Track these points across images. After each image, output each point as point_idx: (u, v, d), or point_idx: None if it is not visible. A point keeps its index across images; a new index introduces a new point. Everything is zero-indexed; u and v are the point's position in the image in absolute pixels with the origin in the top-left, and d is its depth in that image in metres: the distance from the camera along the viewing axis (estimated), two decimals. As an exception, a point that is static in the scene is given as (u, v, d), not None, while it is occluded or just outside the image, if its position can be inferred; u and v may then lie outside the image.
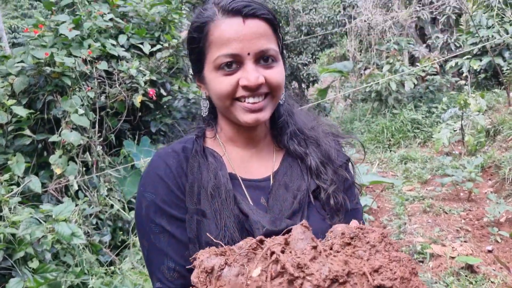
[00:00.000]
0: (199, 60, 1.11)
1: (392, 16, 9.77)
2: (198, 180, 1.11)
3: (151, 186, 1.11)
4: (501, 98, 8.51)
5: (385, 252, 0.77)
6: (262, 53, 1.05)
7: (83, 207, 3.53)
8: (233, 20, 1.03)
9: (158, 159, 1.15)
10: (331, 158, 1.21)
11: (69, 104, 3.91)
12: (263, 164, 1.22)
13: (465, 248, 4.24)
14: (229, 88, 1.06)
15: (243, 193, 1.14)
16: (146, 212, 1.10)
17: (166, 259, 1.08)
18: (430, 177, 6.62)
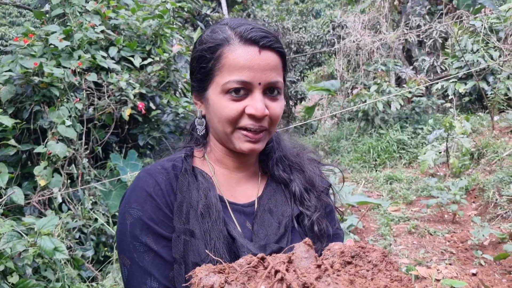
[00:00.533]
0: (205, 79, 1.11)
1: (380, 38, 9.92)
2: (187, 199, 1.09)
3: (137, 203, 1.09)
4: (485, 121, 8.65)
5: (386, 271, 0.76)
6: (271, 85, 1.07)
7: (66, 220, 3.46)
8: (250, 49, 1.05)
9: (147, 175, 1.13)
10: (315, 185, 1.24)
11: (56, 115, 3.85)
12: (248, 189, 1.22)
13: (450, 270, 4.24)
14: (234, 114, 1.07)
15: (230, 216, 1.14)
16: (130, 229, 1.07)
17: (150, 279, 1.04)
18: (415, 198, 6.66)
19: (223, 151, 1.19)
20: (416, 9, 10.96)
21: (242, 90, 1.06)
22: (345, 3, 16.51)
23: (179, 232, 1.06)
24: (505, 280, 4.20)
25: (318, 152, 1.43)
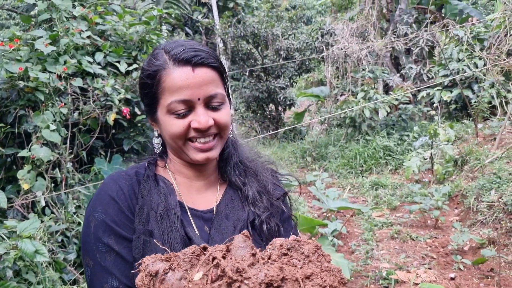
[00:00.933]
0: (152, 104, 1.20)
1: (368, 46, 10.04)
2: (148, 203, 1.18)
3: (101, 206, 1.16)
4: (469, 129, 8.78)
5: (317, 262, 0.82)
6: (210, 98, 1.15)
7: (49, 223, 3.49)
8: (184, 69, 1.13)
9: (111, 181, 1.21)
10: (267, 189, 1.33)
11: (41, 119, 3.89)
12: (208, 196, 1.30)
13: (429, 275, 4.32)
14: (181, 130, 1.15)
15: (189, 220, 1.22)
16: (94, 230, 1.14)
17: (111, 278, 1.11)
18: (399, 203, 6.75)
19: (181, 163, 1.27)
20: (404, 18, 11.12)
21: (184, 108, 1.14)
22: (336, 10, 16.69)
23: (139, 232, 1.14)
24: (482, 284, 4.28)
25: (275, 162, 1.50)
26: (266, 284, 0.76)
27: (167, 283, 0.80)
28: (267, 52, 12.42)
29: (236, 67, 13.10)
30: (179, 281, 0.81)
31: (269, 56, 12.24)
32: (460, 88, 8.38)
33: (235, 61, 12.77)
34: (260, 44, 12.28)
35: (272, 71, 12.33)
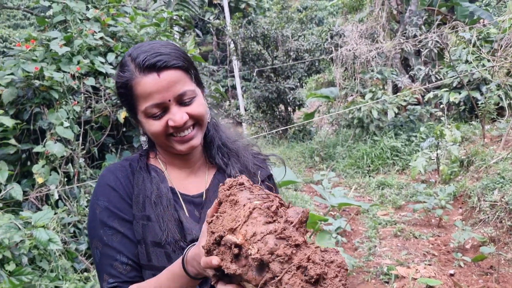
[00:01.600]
0: (131, 109, 1.30)
1: (377, 47, 10.12)
2: (143, 191, 1.30)
3: (103, 195, 1.29)
4: (477, 130, 8.82)
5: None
6: (180, 96, 1.23)
7: (62, 215, 3.67)
8: (150, 77, 1.20)
9: (109, 172, 1.33)
10: (248, 168, 1.44)
11: (55, 117, 4.08)
12: (197, 181, 1.41)
13: (428, 270, 4.42)
14: (160, 129, 1.25)
15: (181, 205, 1.34)
16: (100, 217, 1.26)
17: (119, 255, 1.24)
18: (404, 203, 6.84)
19: (169, 155, 1.38)
20: (413, 19, 11.18)
21: (159, 110, 1.23)
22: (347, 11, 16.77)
23: (137, 218, 1.27)
24: (481, 280, 4.37)
25: (256, 142, 1.62)
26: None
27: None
28: (277, 53, 12.55)
29: (246, 68, 13.26)
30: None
31: (279, 57, 12.37)
32: (466, 89, 8.43)
33: (245, 61, 12.93)
34: (270, 45, 12.42)
35: (282, 71, 12.47)
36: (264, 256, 0.83)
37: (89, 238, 1.32)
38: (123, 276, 1.24)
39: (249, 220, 0.88)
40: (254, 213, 0.89)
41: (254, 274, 0.86)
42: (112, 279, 1.23)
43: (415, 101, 9.95)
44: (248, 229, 0.87)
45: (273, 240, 0.84)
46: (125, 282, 1.23)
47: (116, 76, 1.28)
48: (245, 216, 0.89)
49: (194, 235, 1.26)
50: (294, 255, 0.83)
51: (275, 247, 0.84)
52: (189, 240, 1.26)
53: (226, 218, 0.92)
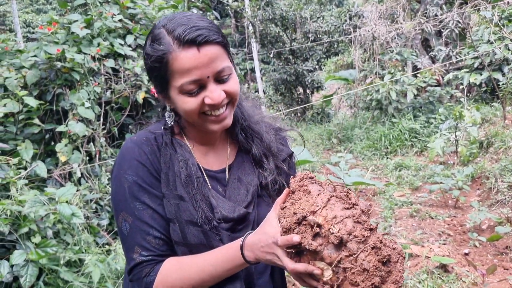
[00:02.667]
0: (163, 85, 1.24)
1: (396, 28, 10.00)
2: (172, 169, 1.27)
3: (131, 169, 1.24)
4: (498, 112, 8.70)
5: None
6: (219, 73, 1.20)
7: (84, 192, 3.82)
8: (189, 51, 1.15)
9: (135, 145, 1.27)
10: (271, 151, 1.42)
11: (76, 97, 4.21)
12: (219, 157, 1.40)
13: (443, 250, 4.46)
14: (196, 106, 1.21)
15: (205, 180, 1.33)
16: (129, 191, 1.23)
17: (152, 229, 1.23)
18: (421, 184, 6.84)
19: (195, 130, 1.35)
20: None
21: (196, 87, 1.19)
22: (367, -8, 16.53)
23: (169, 197, 1.25)
24: (496, 260, 4.39)
25: (277, 118, 1.60)
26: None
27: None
28: (295, 35, 12.51)
29: (265, 50, 13.25)
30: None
31: (297, 39, 12.33)
32: (487, 70, 8.29)
33: (264, 44, 12.91)
34: (289, 27, 12.38)
35: (300, 54, 12.43)
36: (344, 235, 0.96)
37: (114, 211, 1.29)
38: (156, 250, 1.24)
39: (328, 205, 1.02)
40: (331, 200, 1.03)
41: (330, 252, 0.98)
42: (146, 251, 1.23)
43: (435, 83, 9.84)
44: (328, 212, 1.00)
45: (351, 223, 0.98)
46: (159, 255, 1.24)
47: (149, 49, 1.21)
48: (323, 202, 1.02)
49: (223, 213, 1.28)
50: (369, 238, 0.97)
51: (353, 228, 0.97)
52: (218, 218, 1.27)
53: (303, 204, 1.04)
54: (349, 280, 0.96)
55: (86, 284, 3.09)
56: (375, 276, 0.94)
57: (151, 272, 1.23)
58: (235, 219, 1.29)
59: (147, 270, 1.23)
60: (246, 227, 1.31)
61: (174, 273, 1.23)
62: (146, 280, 1.23)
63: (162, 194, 1.26)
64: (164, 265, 1.24)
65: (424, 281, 3.91)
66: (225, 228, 1.28)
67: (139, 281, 1.24)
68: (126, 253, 1.26)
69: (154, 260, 1.24)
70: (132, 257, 1.23)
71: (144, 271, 1.23)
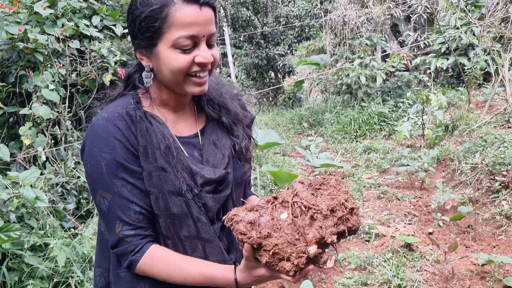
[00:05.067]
0: (153, 37, 1.24)
1: (366, 12, 10.07)
2: (150, 143, 1.27)
3: (108, 147, 1.23)
4: (463, 96, 8.92)
5: (339, 188, 1.16)
6: (211, 36, 1.25)
7: (49, 176, 3.74)
8: (192, 7, 1.19)
9: (108, 123, 1.25)
10: (239, 118, 1.48)
11: (40, 79, 4.10)
12: (188, 123, 1.42)
13: (408, 229, 4.58)
14: (186, 64, 1.23)
15: (182, 149, 1.35)
16: (106, 168, 1.23)
17: (132, 204, 1.24)
18: (389, 166, 6.98)
19: (168, 94, 1.35)
20: (404, -16, 11.08)
21: (191, 43, 1.22)
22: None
23: (149, 170, 1.26)
24: (458, 239, 4.54)
25: (234, 85, 1.66)
26: (331, 210, 1.09)
27: (263, 225, 1.09)
28: (267, 19, 12.45)
29: (236, 35, 13.16)
30: (271, 221, 1.10)
31: (269, 23, 12.28)
32: (453, 55, 8.47)
33: (235, 28, 12.82)
34: (260, 11, 12.31)
35: (271, 38, 12.40)
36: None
37: (91, 189, 1.28)
38: (138, 223, 1.26)
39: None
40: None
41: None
42: (128, 226, 1.24)
43: (403, 67, 9.99)
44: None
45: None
46: (142, 228, 1.26)
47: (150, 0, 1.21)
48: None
49: (205, 177, 1.31)
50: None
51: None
52: (200, 184, 1.30)
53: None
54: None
55: (52, 268, 3.05)
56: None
57: (138, 252, 1.26)
58: (216, 181, 1.34)
59: (131, 247, 1.25)
60: (226, 188, 1.37)
61: (160, 264, 1.26)
62: (131, 258, 1.26)
63: (140, 168, 1.26)
64: (150, 250, 1.26)
65: (389, 260, 4.01)
66: (208, 191, 1.32)
67: (124, 256, 1.26)
68: (108, 230, 1.28)
69: (138, 235, 1.26)
70: (115, 231, 1.25)
71: (129, 248, 1.26)
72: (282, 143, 4.08)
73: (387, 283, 3.69)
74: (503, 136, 5.97)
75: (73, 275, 3.08)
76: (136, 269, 1.27)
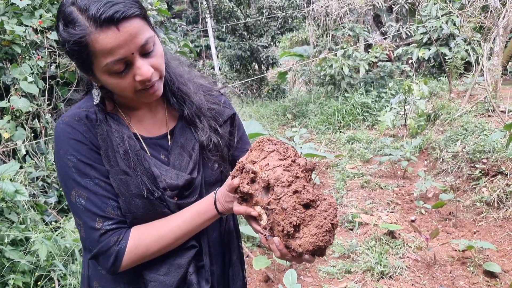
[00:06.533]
0: (85, 66, 1.16)
1: (348, 3, 10.09)
2: (111, 146, 1.23)
3: (72, 149, 1.20)
4: (445, 85, 9.03)
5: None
6: (143, 47, 1.14)
7: (29, 170, 3.69)
8: (109, 31, 1.07)
9: (67, 127, 1.22)
10: (202, 111, 1.40)
11: (18, 72, 4.02)
12: (157, 122, 1.37)
13: (391, 217, 4.64)
14: (127, 86, 1.17)
15: (145, 150, 1.31)
16: (76, 171, 1.20)
17: (109, 200, 1.21)
18: (372, 156, 7.04)
19: (129, 100, 1.31)
20: (386, -25, 11.12)
21: (123, 65, 1.13)
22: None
23: (112, 173, 1.22)
24: (440, 226, 4.61)
25: (208, 77, 1.56)
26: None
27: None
28: (250, 11, 12.39)
29: (220, 26, 13.07)
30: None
31: (251, 14, 12.22)
32: (435, 45, 8.55)
33: (218, 20, 12.74)
34: (243, 2, 12.24)
35: (254, 30, 12.34)
36: (271, 180, 1.06)
37: (65, 188, 1.24)
38: (118, 217, 1.22)
39: (267, 157, 1.11)
40: (272, 153, 1.12)
41: (262, 196, 1.08)
42: (109, 221, 1.21)
43: (386, 58, 10.06)
44: (264, 161, 1.10)
45: (281, 170, 1.07)
46: (123, 221, 1.23)
47: (64, 34, 1.10)
48: (265, 152, 1.12)
49: (167, 181, 1.27)
50: (293, 183, 1.05)
51: (281, 175, 1.06)
52: (162, 187, 1.26)
53: (250, 157, 1.15)
54: (275, 220, 1.05)
55: (34, 262, 3.01)
56: (293, 216, 1.02)
57: (121, 240, 1.21)
58: (180, 186, 1.29)
59: (114, 238, 1.20)
60: (193, 193, 1.32)
61: (147, 236, 1.22)
62: (116, 249, 1.20)
63: (106, 169, 1.23)
64: (132, 232, 1.23)
65: (373, 248, 4.06)
66: (171, 196, 1.28)
67: (106, 253, 1.20)
68: (85, 228, 1.21)
69: (119, 228, 1.22)
70: (95, 227, 1.20)
71: (112, 240, 1.20)
72: (265, 134, 4.08)
73: (370, 270, 3.73)
74: (483, 125, 6.06)
75: (55, 268, 3.05)
76: (125, 258, 1.21)
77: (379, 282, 3.58)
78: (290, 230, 1.03)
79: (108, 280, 1.33)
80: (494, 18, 7.58)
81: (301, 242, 1.03)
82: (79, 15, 1.07)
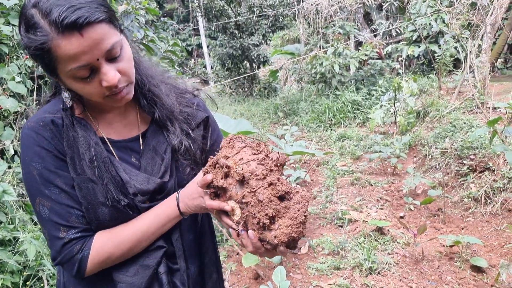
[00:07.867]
0: (50, 70, 1.12)
1: (338, 1, 10.13)
2: (77, 153, 1.20)
3: (36, 156, 1.17)
4: (434, 82, 9.09)
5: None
6: (109, 52, 1.09)
7: (18, 170, 3.68)
8: (71, 38, 1.02)
9: (32, 133, 1.18)
10: (174, 114, 1.36)
11: (6, 72, 4.00)
12: (128, 124, 1.33)
13: (380, 214, 4.67)
14: (94, 91, 1.13)
15: (113, 154, 1.27)
16: (40, 178, 1.17)
17: (73, 209, 1.18)
18: (362, 153, 7.09)
19: (98, 103, 1.24)
20: (375, -27, 11.17)
21: (87, 71, 1.09)
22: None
23: (78, 181, 1.18)
24: (429, 221, 4.66)
25: (183, 80, 1.53)
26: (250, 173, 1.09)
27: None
28: (240, 9, 12.39)
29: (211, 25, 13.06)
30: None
31: (242, 13, 12.22)
32: (424, 43, 8.61)
33: (209, 18, 12.72)
34: (233, 1, 12.23)
35: (245, 28, 12.35)
36: (246, 174, 1.07)
37: (29, 196, 1.21)
38: (82, 226, 1.20)
39: (240, 152, 1.13)
40: (244, 148, 1.13)
41: (236, 190, 1.09)
42: (73, 230, 1.19)
43: (376, 56, 10.11)
44: (238, 156, 1.12)
45: (255, 164, 1.09)
46: (86, 230, 1.21)
47: (26, 40, 1.05)
48: (237, 148, 1.14)
49: (137, 186, 1.25)
50: (268, 176, 1.07)
51: (255, 168, 1.08)
52: (133, 193, 1.24)
53: (222, 153, 1.16)
54: (250, 213, 1.06)
55: (22, 262, 3.01)
56: (269, 208, 1.04)
57: (84, 247, 1.20)
58: (150, 191, 1.26)
59: (78, 247, 1.19)
60: (166, 197, 1.29)
61: (109, 241, 1.21)
62: (79, 257, 1.19)
63: (71, 177, 1.19)
64: (95, 239, 1.21)
65: (361, 244, 4.09)
66: (143, 201, 1.26)
67: (70, 261, 1.19)
68: (50, 236, 1.20)
69: (83, 236, 1.21)
70: (58, 236, 1.18)
71: (75, 248, 1.19)
72: (254, 132, 4.10)
73: (359, 267, 3.76)
74: (471, 121, 6.12)
75: (44, 268, 3.05)
76: (88, 264, 1.20)
77: (367, 278, 3.61)
78: (266, 221, 1.04)
79: (83, 285, 1.31)
80: (482, 15, 7.65)
81: (277, 234, 1.04)
82: (40, 19, 1.03)
